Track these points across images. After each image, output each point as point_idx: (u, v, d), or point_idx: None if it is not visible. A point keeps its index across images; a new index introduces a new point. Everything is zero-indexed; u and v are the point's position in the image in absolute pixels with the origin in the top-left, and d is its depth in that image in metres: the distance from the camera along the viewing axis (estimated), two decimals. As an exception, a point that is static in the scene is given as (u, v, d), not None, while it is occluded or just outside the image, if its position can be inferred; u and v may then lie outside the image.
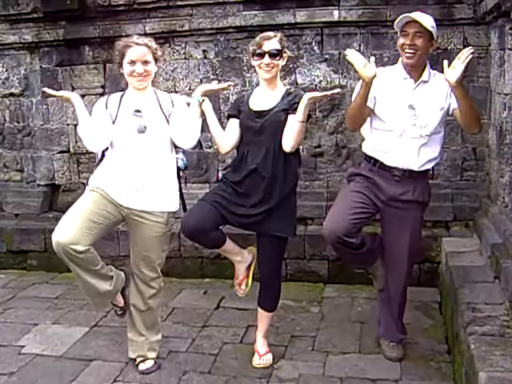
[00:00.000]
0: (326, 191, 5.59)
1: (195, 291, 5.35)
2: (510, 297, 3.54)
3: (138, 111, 3.58)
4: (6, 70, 6.31)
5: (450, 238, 5.12)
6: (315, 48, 5.50)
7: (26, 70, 6.25)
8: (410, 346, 4.11)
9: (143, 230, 3.75)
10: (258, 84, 3.99)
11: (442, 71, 3.46)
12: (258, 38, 3.73)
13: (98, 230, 3.61)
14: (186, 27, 5.62)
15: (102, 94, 5.95)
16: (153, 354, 3.99)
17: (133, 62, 3.59)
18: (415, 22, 3.48)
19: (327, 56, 5.48)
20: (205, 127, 3.83)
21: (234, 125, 3.88)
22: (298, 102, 3.64)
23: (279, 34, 3.76)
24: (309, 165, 5.62)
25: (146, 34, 5.55)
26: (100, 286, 3.70)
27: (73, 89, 6.04)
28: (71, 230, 3.47)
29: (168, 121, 3.71)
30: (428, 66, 3.69)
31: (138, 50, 3.60)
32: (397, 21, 3.57)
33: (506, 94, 4.40)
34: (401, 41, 3.60)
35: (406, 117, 3.66)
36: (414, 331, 4.30)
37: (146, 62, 3.61)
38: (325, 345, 4.24)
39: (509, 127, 4.33)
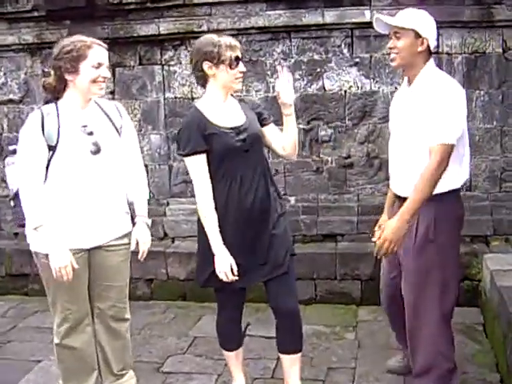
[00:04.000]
0: (356, 205, 5.34)
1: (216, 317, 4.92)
2: None
3: (86, 126, 3.14)
4: (4, 74, 5.95)
5: (491, 255, 4.79)
6: (345, 51, 5.25)
7: (26, 73, 5.90)
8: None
9: (111, 258, 3.31)
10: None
11: (479, 76, 2.99)
12: (229, 42, 3.17)
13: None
14: (205, 27, 5.29)
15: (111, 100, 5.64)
16: None
17: (99, 65, 3.11)
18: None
19: (357, 60, 5.24)
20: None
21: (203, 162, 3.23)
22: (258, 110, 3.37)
23: None
24: (338, 177, 5.39)
25: (160, 35, 5.40)
26: None
27: (79, 95, 5.69)
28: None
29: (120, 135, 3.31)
30: (426, 70, 3.10)
31: (103, 52, 3.14)
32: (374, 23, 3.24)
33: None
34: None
35: (394, 131, 3.27)
36: (461, 358, 3.83)
37: (106, 67, 3.19)
38: (366, 378, 3.86)
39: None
